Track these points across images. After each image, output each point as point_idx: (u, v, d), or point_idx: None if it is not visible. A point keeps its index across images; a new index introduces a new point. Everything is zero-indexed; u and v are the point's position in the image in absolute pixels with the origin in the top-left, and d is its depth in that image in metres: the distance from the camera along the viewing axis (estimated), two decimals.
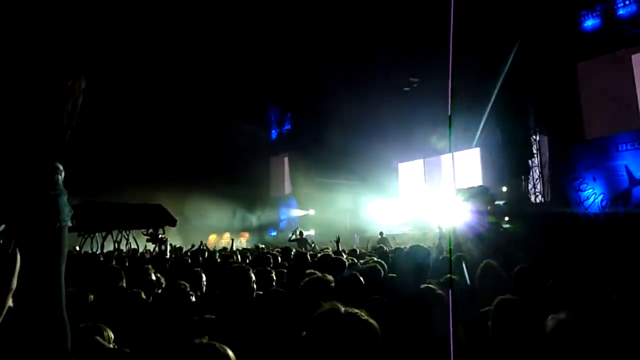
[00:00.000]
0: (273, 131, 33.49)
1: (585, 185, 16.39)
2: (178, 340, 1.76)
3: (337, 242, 10.24)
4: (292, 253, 8.13)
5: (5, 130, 2.03)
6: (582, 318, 2.21)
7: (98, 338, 2.00)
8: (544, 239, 9.40)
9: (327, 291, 3.05)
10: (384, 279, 4.56)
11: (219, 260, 8.86)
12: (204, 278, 4.56)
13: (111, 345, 2.24)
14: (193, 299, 3.43)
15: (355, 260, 5.87)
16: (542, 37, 16.34)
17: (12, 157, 2.00)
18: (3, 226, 2.07)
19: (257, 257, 8.29)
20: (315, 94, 25.27)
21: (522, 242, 8.91)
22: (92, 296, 3.73)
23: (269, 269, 4.75)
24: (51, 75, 2.15)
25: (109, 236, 16.72)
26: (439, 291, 2.93)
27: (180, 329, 2.73)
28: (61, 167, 2.14)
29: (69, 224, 2.12)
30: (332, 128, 25.19)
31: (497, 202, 14.74)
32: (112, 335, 2.29)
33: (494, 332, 2.51)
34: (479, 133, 17.96)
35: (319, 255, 6.58)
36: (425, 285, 3.17)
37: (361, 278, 3.67)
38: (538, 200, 17.40)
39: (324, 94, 24.38)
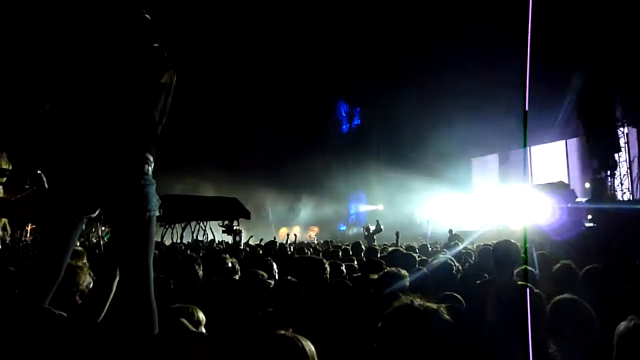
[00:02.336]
0: (343, 126, 33.59)
1: None
2: (261, 329, 1.79)
3: (397, 236, 10.37)
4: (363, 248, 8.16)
5: (102, 120, 2.14)
6: None
7: (184, 320, 2.11)
8: (628, 239, 8.68)
9: (401, 286, 3.05)
10: (456, 275, 4.48)
11: (289, 252, 9.09)
12: (275, 267, 4.69)
13: (202, 328, 2.34)
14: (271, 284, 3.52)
15: (425, 257, 5.79)
16: (630, 19, 15.04)
17: (108, 146, 2.11)
18: (98, 211, 2.24)
19: (327, 251, 8.42)
20: (385, 89, 25.03)
21: (604, 242, 8.30)
22: (172, 282, 3.96)
23: (338, 262, 4.81)
24: (149, 71, 2.29)
25: (188, 227, 17.61)
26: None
27: (259, 316, 2.82)
28: (151, 159, 2.25)
29: (157, 213, 2.25)
30: (402, 123, 24.86)
31: (578, 199, 13.80)
32: (202, 317, 2.37)
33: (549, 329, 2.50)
34: (558, 125, 16.93)
35: (389, 249, 6.55)
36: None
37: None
38: (626, 198, 16.10)
39: (393, 89, 24.11)
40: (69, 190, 2.11)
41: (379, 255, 6.50)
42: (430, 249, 8.35)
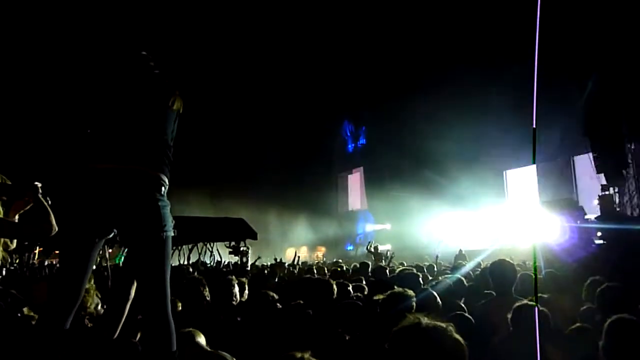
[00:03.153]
0: (349, 146, 33.74)
1: None
2: (276, 352, 1.80)
3: (390, 258, 10.27)
4: (370, 268, 8.11)
5: (118, 144, 2.22)
6: None
7: (199, 341, 2.14)
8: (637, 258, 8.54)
9: (408, 305, 3.04)
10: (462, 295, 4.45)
11: (296, 273, 9.06)
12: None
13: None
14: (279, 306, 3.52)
15: (429, 276, 5.75)
16: (636, 34, 15.10)
17: (124, 168, 2.18)
18: (115, 232, 2.28)
19: (335, 271, 8.37)
20: (390, 109, 25.17)
21: (614, 260, 8.18)
22: (180, 304, 3.96)
23: (345, 282, 4.79)
24: (159, 98, 2.39)
25: (195, 248, 17.59)
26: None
27: (269, 336, 2.82)
28: (166, 180, 2.31)
29: (172, 234, 2.28)
30: (407, 142, 24.89)
31: (587, 216, 13.63)
32: (204, 342, 2.39)
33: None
34: (564, 142, 16.90)
35: (397, 270, 6.51)
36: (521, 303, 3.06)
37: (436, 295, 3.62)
38: (635, 214, 15.91)
39: (398, 108, 24.24)
40: (86, 212, 2.17)
41: (388, 274, 6.46)
42: (436, 268, 8.29)
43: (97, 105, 2.34)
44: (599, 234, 12.91)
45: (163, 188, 2.28)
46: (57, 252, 11.85)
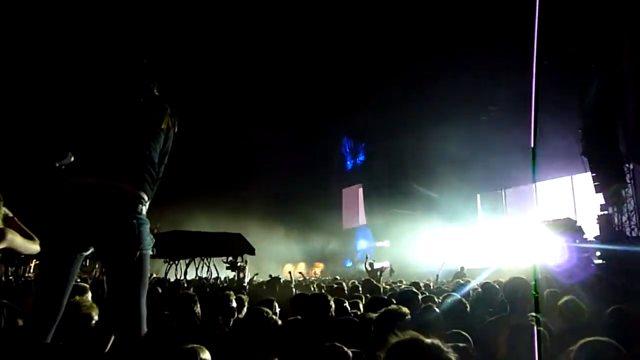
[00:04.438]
0: (348, 162, 33.79)
1: None
2: None
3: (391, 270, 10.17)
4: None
5: (98, 160, 2.20)
6: None
7: (204, 357, 2.14)
8: (630, 277, 8.48)
9: (402, 323, 3.01)
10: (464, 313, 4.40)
11: (294, 289, 8.97)
12: (277, 305, 4.63)
13: None
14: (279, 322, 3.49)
15: (431, 295, 5.69)
16: (632, 53, 15.23)
17: (102, 184, 2.15)
18: (91, 249, 2.25)
19: (332, 287, 8.30)
20: (389, 125, 25.28)
21: (612, 280, 8.13)
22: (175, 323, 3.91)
23: (342, 299, 4.75)
24: (147, 116, 2.38)
25: (192, 263, 17.50)
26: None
27: (262, 353, 2.79)
28: (146, 198, 2.28)
29: (150, 252, 2.25)
30: (406, 159, 24.94)
31: (585, 236, 13.61)
32: (209, 357, 2.35)
33: None
34: (563, 162, 16.93)
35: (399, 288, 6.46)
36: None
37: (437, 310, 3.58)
38: (634, 235, 15.87)
39: (397, 125, 24.35)
40: (63, 227, 2.14)
41: (382, 292, 6.42)
42: (434, 287, 8.23)
43: (81, 119, 2.33)
44: (598, 253, 12.89)
45: (141, 205, 2.25)
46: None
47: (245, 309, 4.17)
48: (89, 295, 3.74)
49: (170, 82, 2.59)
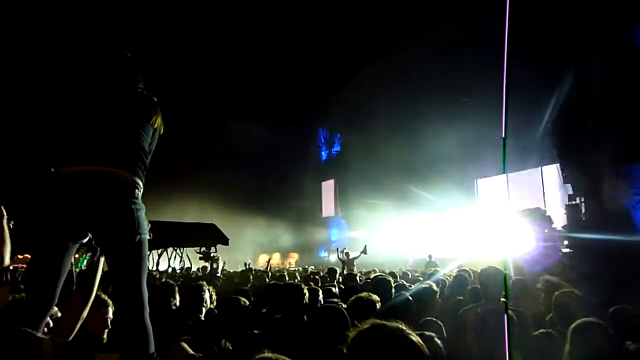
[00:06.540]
0: (323, 153, 33.82)
1: None
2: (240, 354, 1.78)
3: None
4: (338, 273, 8.10)
5: (93, 148, 2.20)
6: None
7: (183, 343, 2.15)
8: (598, 264, 8.77)
9: (373, 310, 3.04)
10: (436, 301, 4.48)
11: (267, 280, 8.97)
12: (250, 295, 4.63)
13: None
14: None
15: (406, 283, 5.77)
16: (603, 52, 15.62)
17: (99, 171, 2.16)
18: (89, 236, 2.23)
19: (306, 277, 8.34)
20: (364, 117, 25.39)
21: (579, 268, 8.40)
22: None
23: (316, 287, 4.76)
24: (138, 108, 2.40)
25: (164, 254, 17.24)
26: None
27: (240, 341, 2.79)
28: (141, 184, 2.30)
29: (148, 237, 2.27)
30: (381, 149, 25.11)
31: (554, 226, 13.98)
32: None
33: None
34: (533, 152, 17.33)
35: (372, 276, 6.52)
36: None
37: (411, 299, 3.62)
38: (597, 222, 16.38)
39: (372, 116, 24.47)
40: (60, 215, 2.13)
41: (359, 281, 6.46)
42: (410, 275, 8.33)
43: (73, 107, 2.33)
44: (566, 242, 13.27)
45: (137, 191, 2.27)
46: (20, 256, 11.46)
47: (215, 299, 4.15)
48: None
49: (146, 71, 2.59)
